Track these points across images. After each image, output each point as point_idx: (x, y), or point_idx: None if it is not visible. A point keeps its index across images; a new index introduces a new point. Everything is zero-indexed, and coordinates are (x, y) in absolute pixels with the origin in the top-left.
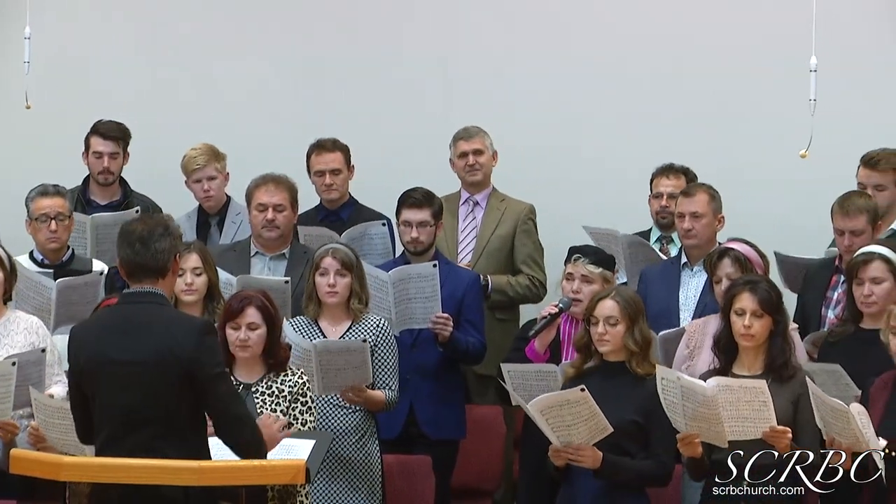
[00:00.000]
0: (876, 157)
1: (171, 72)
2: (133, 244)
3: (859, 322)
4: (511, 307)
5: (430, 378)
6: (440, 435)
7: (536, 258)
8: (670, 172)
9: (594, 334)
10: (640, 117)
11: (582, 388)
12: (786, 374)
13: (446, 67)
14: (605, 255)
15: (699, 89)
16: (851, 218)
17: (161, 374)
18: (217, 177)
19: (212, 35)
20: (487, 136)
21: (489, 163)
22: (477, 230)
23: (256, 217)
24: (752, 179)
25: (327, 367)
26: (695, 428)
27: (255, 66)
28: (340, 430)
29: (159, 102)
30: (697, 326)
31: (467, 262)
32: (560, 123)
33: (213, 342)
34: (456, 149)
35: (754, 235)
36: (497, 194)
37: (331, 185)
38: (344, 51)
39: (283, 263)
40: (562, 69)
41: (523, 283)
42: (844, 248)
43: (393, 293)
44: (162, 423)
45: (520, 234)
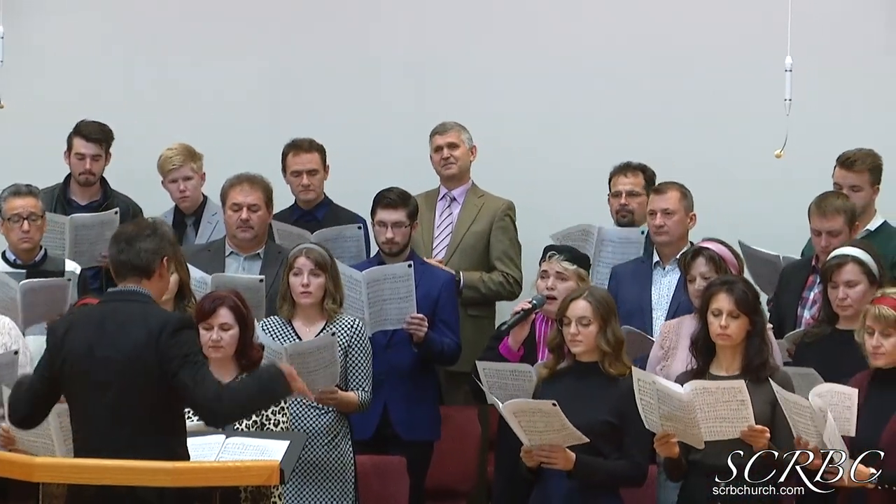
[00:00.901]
0: (852, 158)
1: (147, 72)
2: (119, 242)
3: (835, 323)
4: (485, 304)
5: (404, 379)
6: (414, 436)
7: (512, 255)
8: (628, 170)
9: (567, 335)
10: (617, 116)
11: (553, 404)
12: (763, 375)
13: (425, 64)
14: (579, 254)
15: (675, 89)
16: (828, 218)
17: (139, 372)
18: (193, 177)
19: (189, 36)
20: (465, 130)
21: (465, 157)
22: (453, 226)
23: (231, 217)
24: (726, 179)
25: (299, 370)
26: (670, 428)
27: (232, 66)
28: (313, 432)
29: (136, 102)
30: (672, 327)
31: (441, 259)
32: (542, 121)
33: (190, 335)
34: (432, 143)
35: (729, 236)
36: (476, 190)
37: (308, 185)
38: (319, 49)
39: (257, 263)
40: (543, 67)
41: (497, 279)
42: (821, 249)
43: (367, 293)
44: (141, 423)
45: (496, 230)
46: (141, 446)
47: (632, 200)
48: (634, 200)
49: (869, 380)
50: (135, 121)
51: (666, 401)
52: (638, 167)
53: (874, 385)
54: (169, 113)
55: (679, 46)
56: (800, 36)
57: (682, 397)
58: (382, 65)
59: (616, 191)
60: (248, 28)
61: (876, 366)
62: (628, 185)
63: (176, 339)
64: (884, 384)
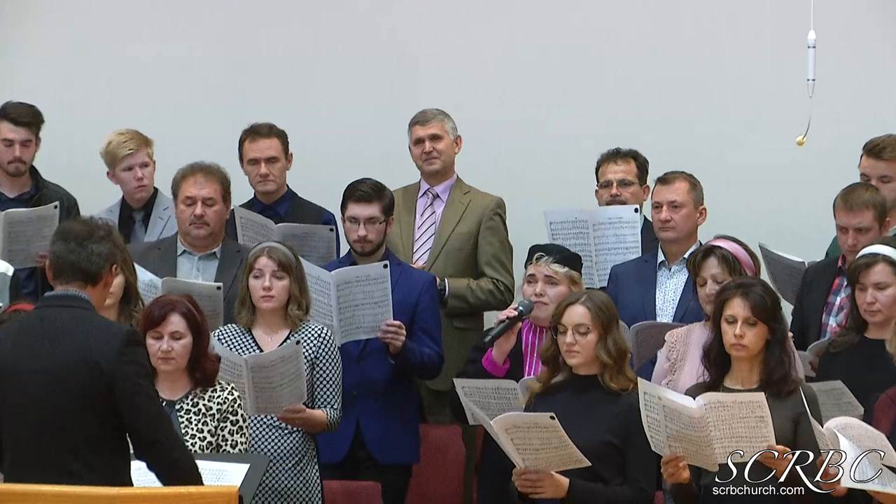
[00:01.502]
0: (881, 145)
1: (83, 50)
2: (69, 241)
3: (864, 331)
4: (472, 315)
5: (379, 394)
6: (390, 458)
7: (503, 259)
8: (618, 157)
9: (562, 344)
10: (617, 101)
11: (552, 416)
12: (785, 389)
13: (403, 47)
14: (570, 254)
15: (681, 69)
16: (856, 213)
17: (77, 387)
18: (149, 164)
19: (133, 9)
20: (448, 119)
21: (450, 150)
22: (436, 226)
23: (184, 212)
24: (740, 169)
25: (261, 385)
26: (679, 449)
27: (182, 41)
28: (275, 454)
29: (70, 85)
30: (679, 336)
31: (423, 264)
32: (533, 109)
33: (138, 353)
34: (412, 135)
35: (742, 233)
36: (461, 186)
37: (266, 175)
38: (283, 27)
39: (213, 264)
40: (532, 46)
41: (486, 287)
42: (848, 247)
43: (337, 297)
44: (78, 443)
45: (484, 231)
46: (78, 470)
47: (623, 191)
48: (626, 190)
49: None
50: (68, 104)
51: (674, 418)
52: (629, 153)
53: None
54: (109, 96)
55: (685, 21)
56: (825, 8)
57: (692, 413)
58: (356, 48)
59: (605, 180)
60: (204, 1)
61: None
62: (619, 174)
63: (126, 355)
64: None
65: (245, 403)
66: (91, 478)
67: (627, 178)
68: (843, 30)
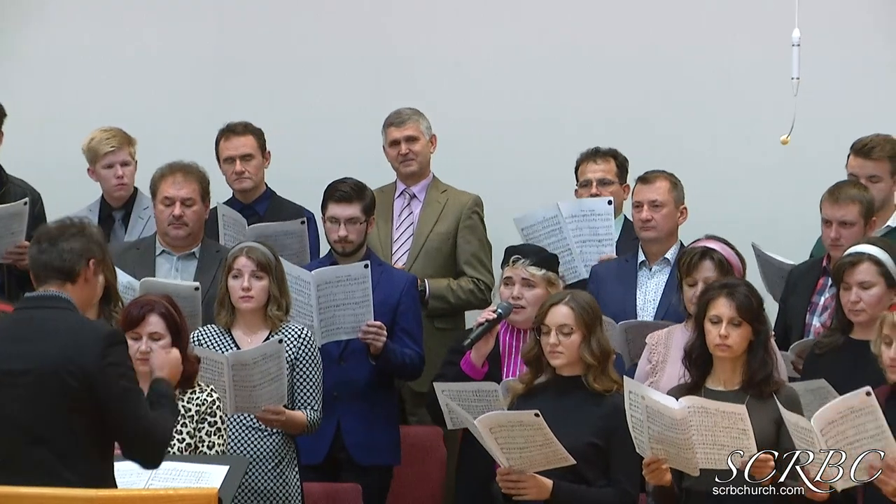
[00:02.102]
0: (869, 144)
1: (63, 48)
2: (41, 242)
3: (849, 332)
4: (453, 315)
5: (359, 396)
6: (371, 460)
7: (482, 258)
8: (597, 156)
9: (545, 345)
10: (597, 99)
11: (536, 414)
12: (767, 391)
13: (380, 47)
14: (546, 255)
15: (663, 67)
16: (841, 206)
17: (59, 388)
18: (131, 162)
19: (113, 7)
20: (423, 118)
21: (425, 150)
22: (414, 227)
23: (162, 212)
24: (723, 169)
25: (241, 384)
26: (661, 452)
27: (163, 40)
28: (255, 456)
29: (50, 83)
30: (660, 338)
31: (402, 265)
32: (509, 105)
33: (121, 353)
34: (387, 136)
35: (726, 233)
36: (438, 185)
37: (241, 172)
38: (265, 25)
39: (192, 264)
40: (509, 41)
41: (467, 286)
42: (831, 241)
43: (317, 297)
44: (60, 444)
45: (463, 230)
46: (60, 472)
47: (603, 190)
48: (606, 190)
49: (887, 397)
50: (41, 101)
51: (656, 419)
52: (608, 152)
53: (893, 402)
54: (85, 93)
55: (668, 19)
56: (809, 6)
57: (675, 414)
58: (335, 49)
59: (585, 180)
60: (186, 2)
61: (894, 380)
62: (599, 173)
63: (109, 355)
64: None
65: (224, 404)
66: (74, 480)
67: (607, 177)
68: (827, 28)
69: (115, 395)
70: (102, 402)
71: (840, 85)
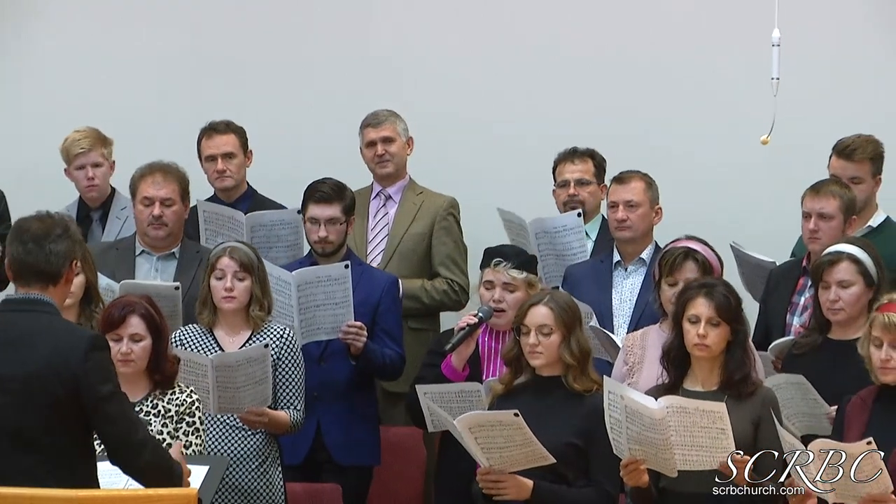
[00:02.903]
0: (851, 146)
1: (42, 47)
2: (26, 242)
3: (827, 331)
4: (428, 315)
5: (340, 396)
6: (351, 460)
7: (457, 259)
8: (575, 157)
9: (525, 345)
10: (574, 99)
11: (516, 413)
12: (745, 391)
13: (358, 47)
14: (527, 257)
15: (641, 66)
16: (821, 198)
17: (43, 392)
18: (103, 164)
19: (92, 6)
20: (400, 120)
21: (402, 152)
22: (389, 227)
23: (142, 212)
24: (703, 169)
25: (225, 385)
26: (639, 452)
27: (144, 38)
28: (239, 455)
29: (30, 82)
30: (636, 340)
31: (377, 265)
32: (486, 106)
33: (103, 358)
34: (364, 137)
35: (705, 233)
36: (414, 186)
37: (223, 171)
38: (244, 24)
39: (172, 264)
40: (486, 40)
41: (441, 287)
42: (809, 233)
43: (297, 298)
44: (45, 449)
45: (438, 231)
46: (43, 474)
47: (581, 190)
48: (584, 190)
49: (874, 398)
50: (30, 102)
51: (635, 419)
52: (586, 153)
53: (881, 404)
54: (65, 92)
55: (647, 18)
56: (789, 5)
57: (653, 414)
58: (316, 49)
59: (563, 180)
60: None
61: (885, 382)
62: (576, 174)
63: (92, 360)
64: (892, 403)
65: (208, 404)
66: (58, 484)
67: (585, 177)
68: (807, 27)
69: (100, 399)
70: (87, 407)
71: (821, 85)
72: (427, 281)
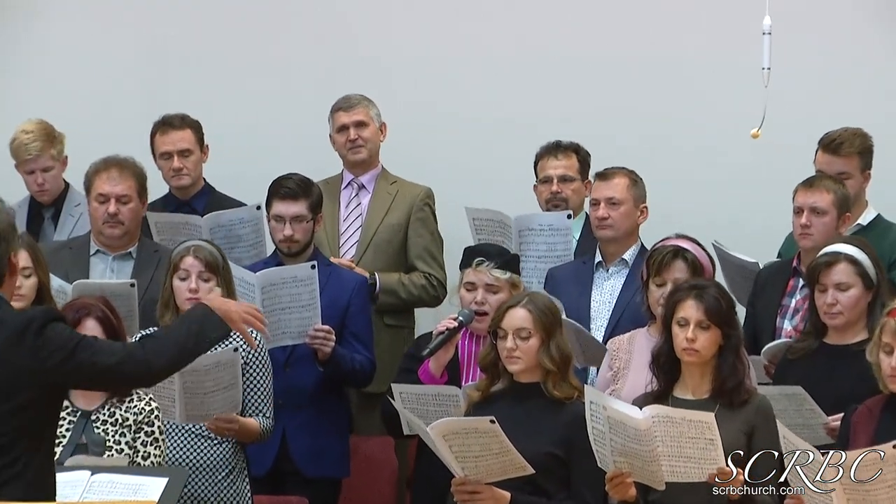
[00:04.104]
0: (837, 140)
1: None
2: None
3: (823, 336)
4: (405, 311)
5: (306, 404)
6: (319, 472)
7: (434, 252)
8: (558, 152)
9: (502, 350)
10: (555, 87)
11: (492, 420)
12: (738, 399)
13: (323, 27)
14: (510, 256)
15: (625, 55)
16: (814, 191)
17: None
18: (53, 166)
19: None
20: (372, 105)
21: (375, 137)
22: (362, 218)
23: (97, 210)
24: (690, 164)
25: (193, 391)
26: (625, 465)
27: (97, 30)
28: (206, 466)
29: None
30: (622, 344)
31: (350, 258)
32: (465, 93)
33: (62, 328)
34: (334, 122)
35: (692, 232)
36: (387, 176)
37: (180, 169)
38: (197, 13)
39: (129, 264)
40: (463, 25)
41: (418, 282)
42: (800, 227)
43: (262, 300)
44: (6, 452)
45: (414, 222)
46: (4, 483)
47: (565, 187)
48: (568, 187)
49: (882, 407)
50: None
51: (619, 430)
52: (570, 147)
53: (889, 413)
54: (24, 82)
55: (631, 3)
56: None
57: (638, 424)
58: (279, 38)
59: (545, 176)
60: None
61: (893, 390)
62: (560, 170)
63: (45, 335)
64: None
65: (174, 412)
66: (10, 492)
67: (569, 173)
68: (800, 15)
69: (67, 353)
70: (56, 368)
71: (813, 75)
72: (404, 275)
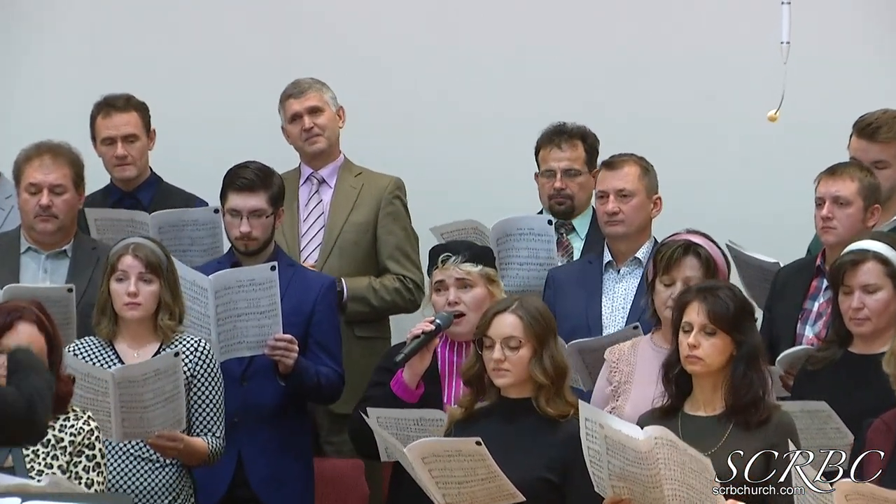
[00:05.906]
0: (875, 124)
1: None
2: None
3: (848, 344)
4: (378, 320)
5: (266, 422)
6: (279, 499)
7: (407, 250)
8: (562, 140)
9: (488, 361)
10: (551, 64)
11: (478, 441)
12: (755, 418)
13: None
14: (480, 249)
15: (628, 30)
16: (837, 179)
17: None
18: None
19: None
20: (326, 88)
21: (333, 124)
22: (325, 217)
23: (28, 202)
24: (702, 151)
25: (130, 404)
26: (624, 490)
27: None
28: (146, 492)
29: None
30: (623, 354)
31: (313, 263)
32: (438, 73)
33: None
34: (286, 111)
35: (704, 227)
36: (350, 167)
37: (124, 157)
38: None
39: (64, 263)
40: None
41: (391, 285)
42: (821, 219)
43: (215, 306)
44: None
45: (384, 218)
46: None
47: (570, 182)
48: (574, 182)
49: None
50: None
51: (617, 452)
52: (576, 133)
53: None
54: None
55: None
56: None
57: (639, 446)
58: (230, 7)
59: (548, 169)
60: None
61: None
62: (564, 162)
63: None
64: None
65: (109, 429)
66: None
67: (574, 166)
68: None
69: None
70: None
71: (837, 50)
72: (375, 279)
